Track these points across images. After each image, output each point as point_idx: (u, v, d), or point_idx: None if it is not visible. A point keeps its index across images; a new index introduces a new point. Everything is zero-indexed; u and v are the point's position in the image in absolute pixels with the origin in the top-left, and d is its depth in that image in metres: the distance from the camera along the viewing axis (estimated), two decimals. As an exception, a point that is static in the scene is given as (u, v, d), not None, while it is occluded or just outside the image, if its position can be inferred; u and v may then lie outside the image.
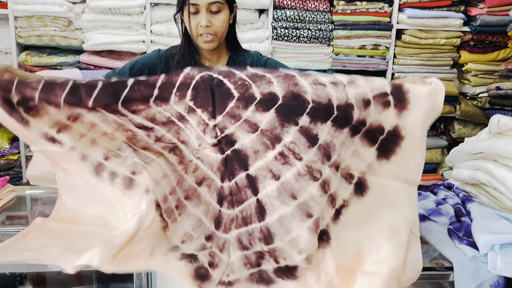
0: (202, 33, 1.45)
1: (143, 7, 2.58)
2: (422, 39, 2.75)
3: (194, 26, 1.44)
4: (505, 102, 2.52)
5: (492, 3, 2.69)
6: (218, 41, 1.49)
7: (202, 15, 1.42)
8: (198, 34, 1.45)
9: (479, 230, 1.13)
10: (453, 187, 1.47)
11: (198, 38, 1.47)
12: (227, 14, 1.47)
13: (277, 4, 2.68)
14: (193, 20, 1.44)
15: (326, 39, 2.71)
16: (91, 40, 2.57)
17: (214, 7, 1.43)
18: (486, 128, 1.45)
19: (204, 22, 1.42)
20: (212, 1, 1.42)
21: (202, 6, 1.42)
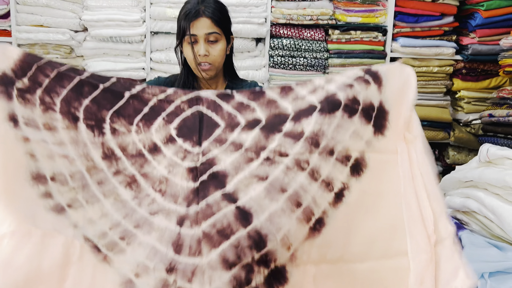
0: (201, 62, 1.51)
1: (143, 36, 2.65)
2: (416, 67, 2.82)
3: (193, 56, 1.50)
4: (497, 129, 2.56)
5: (483, 33, 2.77)
6: (215, 70, 1.55)
7: (200, 45, 1.49)
8: (197, 63, 1.51)
9: (469, 258, 1.15)
10: (445, 214, 1.50)
11: (197, 67, 1.52)
12: (224, 44, 1.54)
13: (274, 33, 2.75)
14: (191, 51, 1.50)
15: (322, 67, 2.78)
16: (92, 67, 2.63)
17: (212, 37, 1.49)
18: (476, 157, 1.49)
19: (202, 52, 1.48)
20: (210, 31, 1.48)
21: (200, 37, 1.48)
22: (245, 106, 0.99)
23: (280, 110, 0.97)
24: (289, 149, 0.93)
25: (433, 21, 2.79)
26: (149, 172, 0.96)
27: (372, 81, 0.98)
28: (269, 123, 0.96)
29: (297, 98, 0.98)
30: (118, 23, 2.59)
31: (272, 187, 0.91)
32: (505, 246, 1.23)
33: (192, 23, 1.47)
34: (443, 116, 2.87)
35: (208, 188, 0.92)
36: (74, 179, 0.93)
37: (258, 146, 0.94)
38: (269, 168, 0.92)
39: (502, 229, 1.28)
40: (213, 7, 1.49)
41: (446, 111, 2.90)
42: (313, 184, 0.92)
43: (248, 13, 2.67)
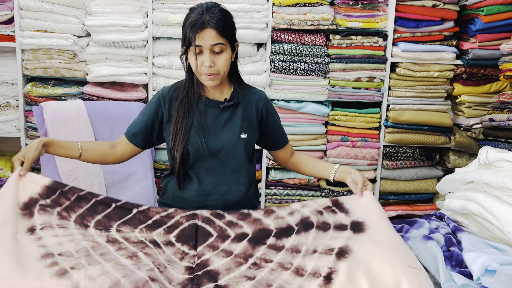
0: (206, 72, 1.53)
1: (145, 41, 2.68)
2: (416, 72, 2.83)
3: (199, 66, 1.52)
4: (498, 134, 2.56)
5: (483, 38, 2.78)
6: (220, 79, 1.57)
7: (205, 56, 1.51)
8: (202, 73, 1.54)
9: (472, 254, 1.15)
10: (444, 217, 1.51)
11: (202, 76, 1.55)
12: (229, 53, 1.56)
13: (275, 38, 2.77)
14: (197, 60, 1.52)
15: (323, 71, 2.79)
16: (94, 72, 2.65)
17: (217, 48, 1.52)
18: (475, 159, 1.50)
19: (208, 63, 1.50)
20: (215, 42, 1.50)
21: (206, 48, 1.50)
22: (234, 223, 1.25)
23: (264, 226, 1.25)
24: (273, 257, 1.15)
25: (434, 26, 2.81)
26: (150, 253, 1.14)
27: (339, 211, 1.27)
28: (255, 237, 1.21)
29: (278, 217, 1.27)
30: (121, 28, 2.62)
31: (259, 284, 1.08)
32: (505, 247, 1.23)
33: (198, 34, 1.48)
34: (443, 121, 2.88)
35: (202, 280, 1.09)
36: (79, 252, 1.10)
37: (246, 254, 1.17)
38: (256, 271, 1.11)
39: (501, 230, 1.28)
40: (218, 17, 1.50)
41: (446, 115, 2.91)
42: (297, 278, 1.09)
43: (249, 18, 2.70)
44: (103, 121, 2.54)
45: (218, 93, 1.66)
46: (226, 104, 1.63)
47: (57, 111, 2.49)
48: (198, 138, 1.60)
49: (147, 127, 1.66)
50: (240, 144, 1.64)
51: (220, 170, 1.64)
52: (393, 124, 2.89)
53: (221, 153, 1.62)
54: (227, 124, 1.64)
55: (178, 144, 1.60)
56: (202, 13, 1.50)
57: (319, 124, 2.88)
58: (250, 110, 1.68)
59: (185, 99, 1.62)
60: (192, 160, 1.62)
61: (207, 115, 1.63)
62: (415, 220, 1.51)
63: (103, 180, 2.52)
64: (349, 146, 2.88)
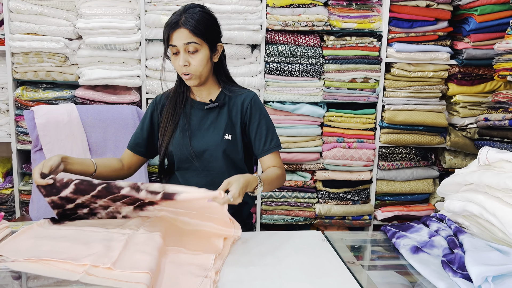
0: (182, 72, 1.56)
1: (138, 43, 2.64)
2: (411, 72, 2.83)
3: (176, 66, 1.57)
4: (493, 133, 2.57)
5: (477, 38, 2.78)
6: (198, 79, 1.58)
7: (180, 55, 1.54)
8: (180, 72, 1.58)
9: (473, 262, 1.14)
10: (445, 218, 1.49)
11: (182, 76, 1.59)
12: (205, 53, 1.56)
13: (269, 39, 2.75)
14: (175, 61, 1.57)
15: (317, 72, 2.78)
16: (86, 75, 2.61)
17: (191, 48, 1.53)
18: (475, 160, 1.48)
19: (181, 62, 1.53)
20: (188, 41, 1.51)
21: (180, 47, 1.52)
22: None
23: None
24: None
25: (428, 26, 2.80)
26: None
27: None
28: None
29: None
30: (113, 30, 2.58)
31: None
32: (507, 249, 1.21)
33: (172, 34, 1.52)
34: (439, 121, 2.88)
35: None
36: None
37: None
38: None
39: (503, 232, 1.27)
40: (194, 17, 1.51)
41: (441, 115, 2.91)
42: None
43: (243, 19, 2.67)
44: (96, 125, 2.49)
45: (204, 94, 1.67)
46: (210, 105, 1.64)
47: (48, 115, 2.44)
48: (182, 140, 1.63)
49: (147, 135, 1.71)
50: (224, 145, 1.63)
51: (206, 172, 1.65)
52: (388, 125, 2.88)
53: (205, 154, 1.64)
54: (212, 125, 1.65)
55: (162, 145, 1.65)
56: (180, 14, 1.53)
57: (314, 126, 2.87)
58: (235, 111, 1.67)
59: (173, 100, 1.67)
60: (178, 162, 1.66)
61: (192, 117, 1.65)
62: (411, 225, 1.49)
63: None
64: (345, 147, 2.87)
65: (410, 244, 1.34)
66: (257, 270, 1.22)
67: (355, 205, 2.95)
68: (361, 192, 2.97)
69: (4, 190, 2.72)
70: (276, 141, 1.68)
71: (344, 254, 1.33)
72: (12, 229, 1.38)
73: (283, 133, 2.82)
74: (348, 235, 1.54)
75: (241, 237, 1.42)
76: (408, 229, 1.47)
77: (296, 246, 1.40)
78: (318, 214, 2.91)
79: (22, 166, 2.75)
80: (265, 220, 2.92)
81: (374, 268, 1.34)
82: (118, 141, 2.51)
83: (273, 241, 1.43)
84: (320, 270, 1.23)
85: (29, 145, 2.64)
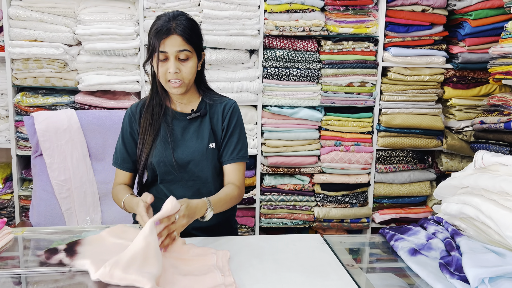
0: (171, 79, 1.51)
1: (137, 49, 2.66)
2: (407, 76, 2.86)
3: (163, 73, 1.51)
4: (489, 136, 2.59)
5: (472, 42, 2.82)
6: (186, 86, 1.55)
7: (171, 62, 1.49)
8: (167, 80, 1.52)
9: (469, 264, 1.16)
10: (442, 221, 1.51)
11: (167, 84, 1.53)
12: (195, 61, 1.54)
13: (267, 44, 2.78)
14: (162, 67, 1.51)
15: (315, 77, 2.80)
16: (86, 81, 2.63)
17: (183, 55, 1.50)
18: (471, 163, 1.51)
19: (173, 69, 1.49)
20: (181, 49, 1.49)
21: (171, 54, 1.49)
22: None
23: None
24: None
25: (423, 30, 2.84)
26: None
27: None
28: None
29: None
30: (112, 36, 2.60)
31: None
32: (503, 251, 1.24)
33: (163, 40, 1.47)
34: (435, 124, 2.91)
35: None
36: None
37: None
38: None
39: (499, 234, 1.29)
40: (185, 25, 1.49)
41: (438, 118, 2.94)
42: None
43: (241, 25, 2.70)
44: (95, 130, 2.51)
45: (185, 103, 1.64)
46: (192, 116, 1.61)
47: (48, 121, 2.45)
48: (164, 151, 1.58)
49: (131, 148, 1.65)
50: (209, 154, 1.61)
51: (192, 182, 1.62)
52: (385, 128, 2.91)
53: (190, 164, 1.60)
54: (194, 134, 1.61)
55: (141, 157, 1.59)
56: (169, 20, 1.49)
57: (312, 129, 2.89)
58: (216, 119, 1.64)
59: (149, 110, 1.60)
60: (161, 174, 1.60)
61: (174, 127, 1.61)
62: (409, 227, 1.52)
63: (96, 190, 2.48)
64: (343, 151, 2.89)
65: (408, 247, 1.36)
66: (257, 274, 1.24)
67: (353, 208, 2.98)
68: (359, 195, 2.99)
69: (4, 196, 2.73)
70: (244, 152, 1.65)
71: (343, 257, 1.35)
72: (15, 235, 1.40)
73: (281, 137, 2.84)
74: (347, 238, 1.56)
75: (241, 241, 1.44)
76: (406, 232, 1.49)
77: (296, 249, 1.42)
78: (317, 217, 2.93)
79: (22, 172, 2.76)
80: (264, 224, 2.94)
81: (373, 271, 1.36)
82: (118, 146, 2.52)
83: (273, 244, 1.44)
84: (320, 273, 1.25)
85: (29, 151, 2.65)
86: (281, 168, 2.89)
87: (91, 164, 2.50)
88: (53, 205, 2.41)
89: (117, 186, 1.66)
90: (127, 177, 1.67)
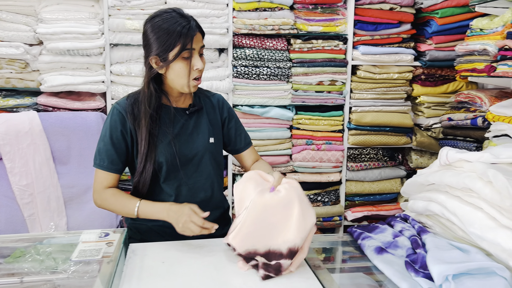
0: (196, 76, 1.50)
1: (102, 48, 2.59)
2: (376, 74, 2.87)
3: (188, 70, 1.48)
4: (456, 132, 2.63)
5: (439, 40, 2.85)
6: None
7: (196, 59, 1.48)
8: (193, 77, 1.50)
9: (434, 262, 1.16)
10: (409, 218, 1.51)
11: (191, 81, 1.50)
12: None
13: (236, 43, 2.75)
14: (186, 65, 1.47)
15: (285, 76, 2.79)
16: (49, 82, 2.54)
17: (202, 50, 1.53)
18: (436, 161, 1.51)
19: (201, 65, 1.49)
20: (202, 45, 1.51)
21: (197, 51, 1.49)
22: None
23: None
24: None
25: (392, 29, 2.86)
26: None
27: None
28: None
29: None
30: (75, 35, 2.52)
31: None
32: (467, 247, 1.24)
33: (194, 38, 1.45)
34: (404, 122, 2.93)
35: None
36: None
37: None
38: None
39: (463, 231, 1.29)
40: (196, 21, 1.50)
41: (407, 116, 2.96)
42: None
43: (209, 23, 2.66)
44: (59, 132, 2.43)
45: (181, 100, 1.62)
46: (192, 110, 1.60)
47: (9, 124, 2.36)
48: (169, 150, 1.53)
49: (121, 148, 1.53)
50: (210, 148, 1.61)
51: (194, 178, 1.59)
52: (356, 126, 2.91)
53: (194, 159, 1.58)
54: (194, 130, 1.60)
55: (148, 161, 1.50)
56: (186, 18, 1.47)
57: (283, 129, 2.87)
58: (213, 114, 1.66)
59: (152, 113, 1.52)
60: (165, 173, 1.54)
61: (175, 124, 1.57)
62: (376, 226, 1.51)
63: (61, 194, 2.41)
64: (314, 150, 2.89)
65: (374, 245, 1.35)
66: (222, 278, 1.21)
67: (325, 207, 2.97)
68: (331, 194, 2.99)
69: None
70: (249, 136, 1.77)
71: (310, 257, 1.33)
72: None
73: (253, 136, 2.81)
74: (315, 237, 1.54)
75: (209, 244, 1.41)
76: (373, 230, 1.48)
77: (263, 251, 1.39)
78: (289, 216, 2.91)
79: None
80: (236, 225, 2.91)
81: (340, 270, 1.35)
82: (83, 149, 2.45)
83: (240, 247, 1.41)
84: (285, 275, 1.23)
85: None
86: (252, 168, 2.86)
87: (55, 167, 2.42)
88: (14, 211, 2.33)
89: (108, 190, 1.53)
90: (115, 179, 1.55)
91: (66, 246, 1.39)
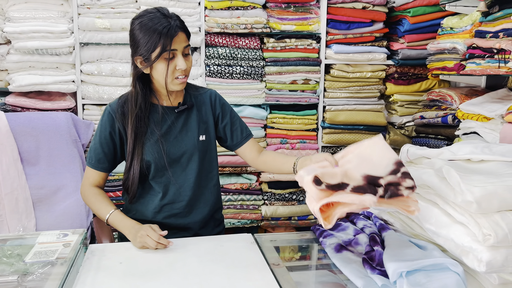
0: (179, 76, 1.51)
1: (72, 47, 2.55)
2: (350, 73, 2.88)
3: (171, 70, 1.49)
4: (428, 130, 2.65)
5: (411, 39, 2.87)
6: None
7: (179, 59, 1.49)
8: (174, 77, 1.51)
9: (389, 259, 1.16)
10: (372, 216, 1.52)
11: (174, 81, 1.52)
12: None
13: (209, 42, 2.73)
14: (170, 65, 1.49)
15: (259, 75, 2.78)
16: (17, 81, 2.49)
17: (187, 51, 1.53)
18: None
19: (184, 65, 1.50)
20: (186, 45, 1.51)
21: (179, 51, 1.49)
22: None
23: None
24: None
25: (364, 27, 2.87)
26: None
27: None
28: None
29: None
30: (44, 34, 2.48)
31: None
32: (424, 244, 1.25)
33: (174, 38, 1.46)
34: (378, 120, 2.95)
35: None
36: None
37: None
38: None
39: (421, 227, 1.30)
40: (181, 21, 1.51)
41: (381, 114, 2.98)
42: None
43: (181, 22, 2.64)
44: (27, 133, 2.39)
45: (172, 98, 1.62)
46: (181, 108, 1.60)
47: (-25, 125, 2.32)
48: (156, 149, 1.56)
49: (108, 148, 1.58)
50: (200, 146, 1.61)
51: (183, 177, 1.60)
52: (330, 125, 2.92)
53: (182, 158, 1.60)
54: (184, 128, 1.61)
55: (134, 159, 1.55)
56: (166, 17, 1.46)
57: (258, 128, 2.87)
58: (205, 111, 1.66)
59: (138, 112, 1.55)
60: (154, 171, 1.58)
61: (163, 123, 1.58)
62: (339, 223, 1.51)
63: (29, 195, 2.37)
64: (289, 148, 2.89)
65: (335, 243, 1.35)
66: (177, 278, 1.19)
67: (300, 205, 2.98)
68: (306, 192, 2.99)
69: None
70: (248, 128, 1.74)
71: (270, 256, 1.33)
72: None
73: (226, 136, 2.80)
74: (278, 236, 1.53)
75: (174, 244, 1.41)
76: (336, 228, 1.48)
77: (224, 250, 1.38)
78: (264, 215, 2.91)
79: (-51, 179, 2.59)
80: (211, 225, 2.89)
81: (298, 269, 1.35)
82: (52, 150, 2.41)
83: (201, 246, 1.40)
84: (243, 274, 1.22)
85: (-45, 157, 2.49)
86: (227, 168, 2.85)
87: (23, 168, 2.38)
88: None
89: (92, 189, 1.60)
90: (101, 177, 1.62)
91: (25, 248, 1.36)
